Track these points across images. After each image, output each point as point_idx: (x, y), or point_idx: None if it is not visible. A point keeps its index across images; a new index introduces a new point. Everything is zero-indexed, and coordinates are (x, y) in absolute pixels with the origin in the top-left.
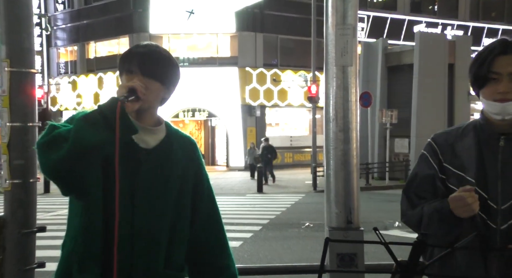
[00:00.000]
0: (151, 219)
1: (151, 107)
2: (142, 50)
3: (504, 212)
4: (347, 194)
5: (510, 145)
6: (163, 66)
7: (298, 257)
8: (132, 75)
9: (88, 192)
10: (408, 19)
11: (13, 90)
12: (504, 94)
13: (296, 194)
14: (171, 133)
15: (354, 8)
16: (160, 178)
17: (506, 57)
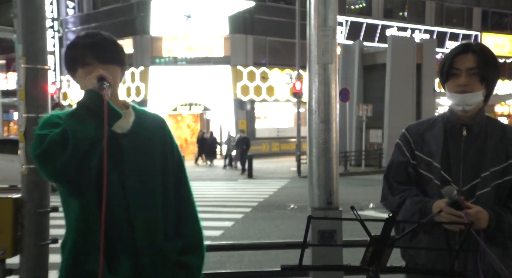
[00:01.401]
0: (144, 198)
1: (116, 91)
2: (89, 40)
3: (465, 193)
4: (328, 178)
5: (471, 135)
6: (115, 50)
7: (284, 235)
8: (89, 67)
9: (88, 185)
10: (381, 23)
11: (29, 84)
12: (463, 87)
13: (282, 179)
14: (139, 114)
15: (334, 12)
16: (144, 157)
17: (465, 56)
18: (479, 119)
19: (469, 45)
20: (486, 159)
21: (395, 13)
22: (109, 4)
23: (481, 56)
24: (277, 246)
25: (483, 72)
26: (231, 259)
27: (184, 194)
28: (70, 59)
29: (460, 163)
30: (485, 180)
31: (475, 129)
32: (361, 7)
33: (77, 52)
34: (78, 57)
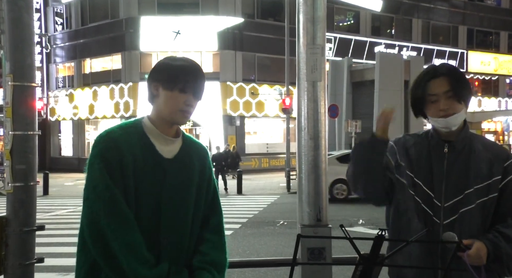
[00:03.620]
0: (177, 221)
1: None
2: (192, 69)
3: (446, 209)
4: (317, 195)
5: (454, 151)
6: (204, 86)
7: (273, 252)
8: (185, 95)
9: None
10: (369, 40)
11: (16, 102)
12: (445, 111)
13: (271, 195)
14: (186, 141)
15: (322, 30)
16: (182, 184)
17: (438, 80)
18: (463, 136)
19: (437, 68)
20: (470, 176)
21: (383, 30)
22: (98, 20)
23: (453, 77)
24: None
25: (459, 93)
26: None
27: (214, 224)
28: (173, 77)
29: (442, 180)
30: (469, 197)
31: (458, 145)
32: (349, 24)
33: (182, 75)
34: (181, 80)
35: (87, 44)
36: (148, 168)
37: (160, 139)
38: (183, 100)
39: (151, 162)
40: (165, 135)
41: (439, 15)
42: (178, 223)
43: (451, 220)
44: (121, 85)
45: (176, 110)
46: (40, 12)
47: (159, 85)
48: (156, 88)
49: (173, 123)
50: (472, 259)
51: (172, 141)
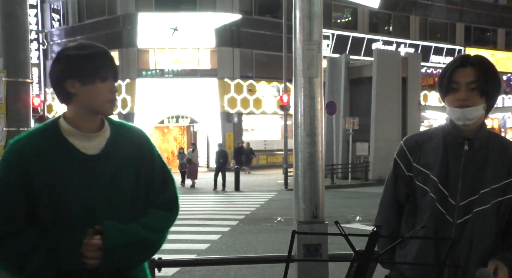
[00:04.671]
0: (114, 217)
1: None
2: (103, 52)
3: (461, 208)
4: (313, 192)
5: (472, 149)
6: (117, 68)
7: (270, 248)
8: (108, 82)
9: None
10: (367, 37)
11: (10, 98)
12: (463, 101)
13: (269, 192)
14: (116, 130)
15: (319, 26)
16: (116, 179)
17: (464, 69)
18: (481, 134)
19: (468, 57)
20: (487, 175)
21: (380, 27)
22: (95, 17)
23: (480, 69)
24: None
25: (483, 86)
26: (217, 273)
27: (161, 200)
28: (91, 69)
29: (458, 178)
30: (484, 197)
31: (477, 143)
32: (347, 21)
33: (99, 64)
34: (100, 70)
35: (84, 40)
36: (72, 170)
37: (80, 136)
38: (107, 89)
39: (74, 163)
40: (86, 132)
41: (437, 12)
42: (116, 219)
43: (464, 220)
44: (118, 82)
45: (105, 102)
46: (37, 8)
47: (75, 81)
48: (73, 85)
49: (101, 115)
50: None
51: (94, 136)
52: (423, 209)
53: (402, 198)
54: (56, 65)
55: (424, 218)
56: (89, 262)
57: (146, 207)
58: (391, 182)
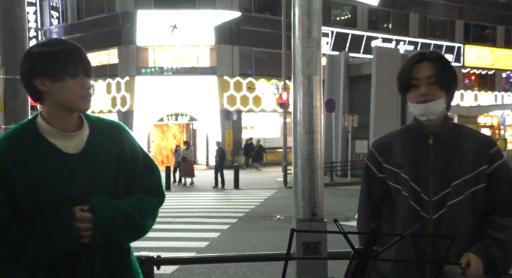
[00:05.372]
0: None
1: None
2: (72, 48)
3: (435, 203)
4: (312, 190)
5: (439, 143)
6: (90, 63)
7: (270, 246)
8: (78, 78)
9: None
10: (366, 35)
11: (8, 95)
12: (425, 96)
13: (268, 190)
14: (95, 127)
15: (318, 23)
16: (96, 177)
17: (421, 65)
18: (446, 127)
19: (424, 53)
20: (457, 167)
21: (380, 24)
22: (94, 14)
23: (438, 64)
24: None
25: (442, 79)
26: (216, 271)
27: (146, 185)
28: (59, 66)
29: (429, 173)
30: (457, 189)
31: (443, 137)
32: (346, 18)
33: (68, 60)
34: (69, 66)
35: (83, 38)
36: (53, 170)
37: (59, 136)
38: (79, 85)
39: (54, 163)
40: (65, 131)
41: (436, 9)
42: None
43: (439, 215)
44: (117, 80)
45: (77, 98)
46: (36, 6)
47: (45, 79)
48: (43, 84)
49: (76, 112)
50: (471, 276)
51: (74, 135)
52: (399, 208)
53: (377, 201)
54: (24, 64)
55: (401, 217)
56: (82, 235)
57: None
58: (364, 187)
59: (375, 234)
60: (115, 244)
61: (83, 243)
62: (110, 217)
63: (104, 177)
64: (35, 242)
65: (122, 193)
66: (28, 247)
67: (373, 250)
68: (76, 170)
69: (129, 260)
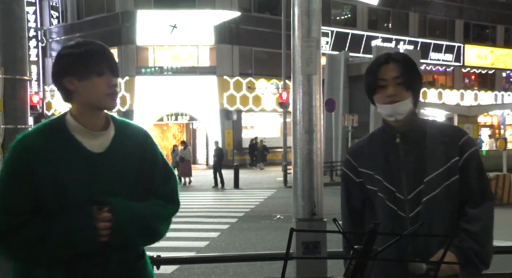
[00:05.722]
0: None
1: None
2: (99, 49)
3: (410, 201)
4: (312, 189)
5: (407, 142)
6: (117, 63)
7: (270, 246)
8: (105, 76)
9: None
10: (366, 34)
11: (7, 95)
12: (392, 97)
13: (268, 189)
14: (120, 128)
15: (317, 23)
16: (117, 178)
17: (388, 66)
18: (413, 125)
19: (390, 54)
20: (427, 163)
21: (380, 24)
22: (94, 14)
23: (404, 65)
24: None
25: (408, 80)
26: (216, 271)
27: (162, 191)
28: (86, 65)
29: (401, 172)
30: (430, 185)
31: (410, 135)
32: (346, 18)
33: (94, 60)
34: (95, 65)
35: (83, 38)
36: (77, 167)
37: (86, 134)
38: (106, 83)
39: (79, 160)
40: (92, 129)
41: (436, 9)
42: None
43: (416, 212)
44: (119, 78)
45: (103, 95)
46: (35, 6)
47: (73, 79)
48: (71, 83)
49: (102, 110)
50: (445, 272)
51: (100, 134)
52: (377, 210)
53: (358, 206)
54: (54, 65)
55: (379, 218)
56: (101, 234)
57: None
58: (344, 194)
59: (374, 233)
60: (131, 246)
61: (100, 242)
62: (128, 218)
63: (125, 178)
64: (54, 237)
65: (140, 196)
66: (47, 241)
67: (373, 249)
68: (99, 169)
69: (144, 262)
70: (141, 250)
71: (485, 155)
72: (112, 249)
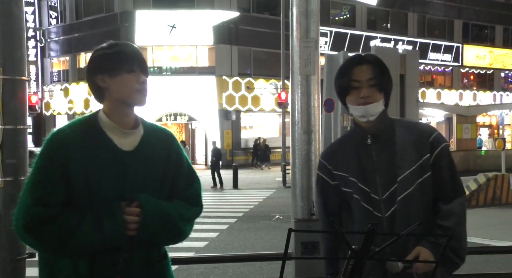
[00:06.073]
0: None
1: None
2: (130, 49)
3: (385, 201)
4: (310, 190)
5: (378, 142)
6: (147, 64)
7: (269, 246)
8: (134, 73)
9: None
10: (365, 34)
11: (6, 95)
12: (365, 98)
13: (267, 189)
14: (148, 129)
15: (316, 24)
16: (145, 175)
17: (361, 67)
18: (384, 125)
19: (362, 56)
20: (400, 162)
21: (379, 24)
22: (93, 14)
23: (377, 67)
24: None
25: (381, 82)
26: (215, 271)
27: (187, 195)
28: (117, 63)
29: (374, 173)
30: (404, 183)
31: (381, 135)
32: (345, 18)
33: (125, 58)
34: (125, 63)
35: (82, 38)
36: (107, 163)
37: (118, 132)
38: (135, 79)
39: (109, 157)
40: (123, 127)
41: (435, 9)
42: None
43: (391, 211)
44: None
45: (133, 91)
46: (34, 6)
47: (105, 76)
48: (103, 80)
49: (132, 105)
50: (422, 268)
51: (130, 133)
52: (354, 211)
53: (335, 209)
54: (88, 65)
55: (356, 219)
56: (129, 227)
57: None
58: (320, 198)
59: (372, 234)
60: (156, 243)
61: (127, 237)
62: (155, 215)
63: (151, 178)
64: (84, 230)
65: (164, 197)
66: (77, 233)
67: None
68: (127, 166)
69: (166, 262)
70: (163, 250)
71: (483, 155)
72: (137, 245)
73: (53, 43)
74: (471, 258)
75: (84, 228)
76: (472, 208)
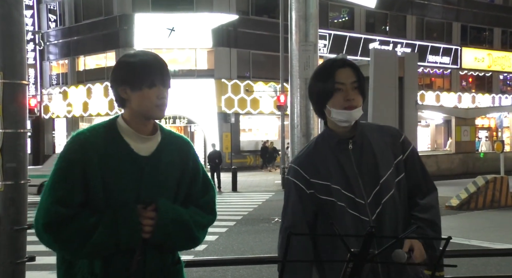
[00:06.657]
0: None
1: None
2: (152, 60)
3: (371, 204)
4: None
5: (357, 147)
6: (169, 72)
7: (268, 249)
8: (155, 88)
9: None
10: (364, 37)
11: (6, 99)
12: (351, 101)
13: (267, 192)
14: (165, 136)
15: (315, 27)
16: (161, 180)
17: (345, 70)
18: (359, 129)
19: (343, 59)
20: (379, 165)
21: (377, 27)
22: (92, 17)
23: (356, 70)
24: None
25: (362, 85)
26: (214, 274)
27: (203, 201)
28: (138, 77)
29: (357, 177)
30: (386, 185)
31: (358, 140)
32: (344, 20)
33: (146, 71)
34: (147, 77)
35: (81, 41)
36: (124, 167)
37: (135, 137)
38: (155, 95)
39: (127, 161)
40: (140, 133)
41: (433, 12)
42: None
43: (377, 214)
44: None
45: (152, 106)
46: (33, 9)
47: (127, 88)
48: (125, 91)
49: (151, 119)
50: (420, 257)
51: (148, 139)
52: (339, 219)
53: (311, 218)
54: (112, 73)
55: (342, 226)
56: (144, 230)
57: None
58: (299, 205)
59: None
60: (169, 247)
61: (143, 239)
62: (171, 219)
63: (167, 184)
64: (101, 230)
65: (180, 204)
66: (93, 235)
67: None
68: (144, 171)
69: (180, 267)
70: (177, 255)
71: (482, 157)
72: (151, 248)
73: (52, 46)
74: (470, 260)
75: (101, 229)
76: (471, 210)
